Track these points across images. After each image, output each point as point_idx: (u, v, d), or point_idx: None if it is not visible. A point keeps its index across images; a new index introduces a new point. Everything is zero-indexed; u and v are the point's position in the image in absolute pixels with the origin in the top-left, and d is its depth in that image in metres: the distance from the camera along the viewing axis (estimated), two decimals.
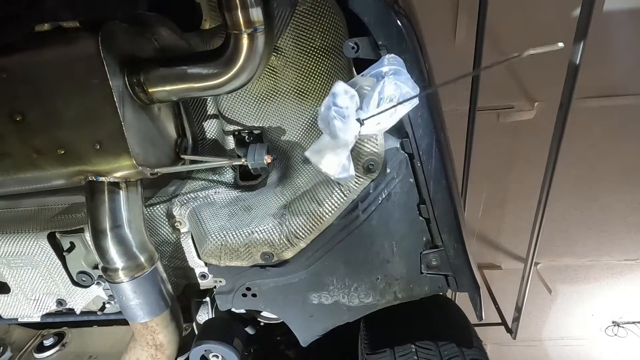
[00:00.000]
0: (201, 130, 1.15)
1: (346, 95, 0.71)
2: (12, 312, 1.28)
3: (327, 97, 0.72)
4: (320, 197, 0.98)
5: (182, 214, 1.11)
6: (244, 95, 1.05)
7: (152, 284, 1.01)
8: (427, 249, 1.04)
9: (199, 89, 0.86)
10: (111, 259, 0.95)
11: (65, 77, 0.79)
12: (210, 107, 1.12)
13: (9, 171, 0.84)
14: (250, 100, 1.06)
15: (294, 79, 0.99)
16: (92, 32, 0.75)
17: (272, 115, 1.08)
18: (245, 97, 1.05)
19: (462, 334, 1.15)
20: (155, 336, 1.08)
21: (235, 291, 1.15)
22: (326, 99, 0.72)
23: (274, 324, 1.37)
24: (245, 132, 1.11)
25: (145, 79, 0.85)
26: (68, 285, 1.19)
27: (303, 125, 1.08)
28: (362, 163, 0.91)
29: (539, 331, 4.75)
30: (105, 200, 0.91)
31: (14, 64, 0.78)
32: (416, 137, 0.91)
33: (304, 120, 1.08)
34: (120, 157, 0.82)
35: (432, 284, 1.09)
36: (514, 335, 3.28)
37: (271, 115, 1.08)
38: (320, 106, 0.73)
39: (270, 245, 1.02)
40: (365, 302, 1.12)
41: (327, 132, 0.72)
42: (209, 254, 1.06)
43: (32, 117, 0.80)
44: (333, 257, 1.05)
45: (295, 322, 1.19)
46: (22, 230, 1.13)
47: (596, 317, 4.60)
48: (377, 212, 0.98)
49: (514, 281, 3.22)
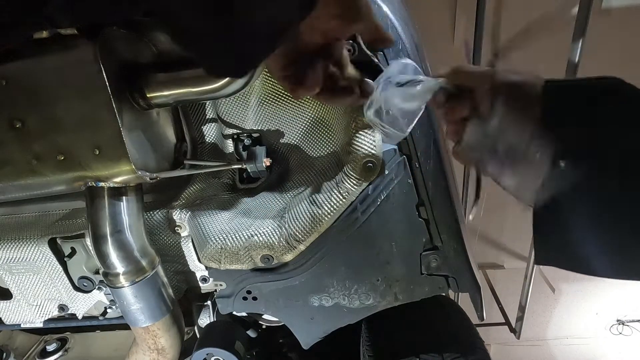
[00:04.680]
0: (200, 134, 1.16)
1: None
2: (14, 318, 1.29)
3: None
4: (319, 200, 0.98)
5: (182, 218, 1.12)
6: (243, 98, 1.05)
7: (153, 288, 1.01)
8: (427, 250, 1.04)
9: (197, 93, 0.86)
10: (112, 264, 0.95)
11: (64, 83, 0.79)
12: (209, 111, 1.12)
13: (9, 178, 0.85)
14: (248, 103, 1.06)
15: None
16: (90, 38, 0.76)
17: (271, 119, 1.08)
18: (244, 101, 1.06)
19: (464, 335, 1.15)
20: (157, 340, 1.08)
21: (236, 294, 1.15)
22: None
23: (276, 326, 1.37)
24: (244, 136, 1.12)
25: (143, 85, 0.85)
26: (70, 290, 1.19)
27: (302, 128, 1.09)
28: (360, 165, 0.91)
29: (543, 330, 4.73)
30: (106, 206, 0.91)
31: (14, 71, 0.78)
32: (414, 138, 0.91)
33: (302, 123, 1.08)
34: (119, 162, 0.83)
35: (433, 285, 1.09)
36: (517, 335, 3.27)
37: (270, 119, 1.08)
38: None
39: (270, 248, 1.02)
40: (365, 303, 1.12)
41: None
42: (209, 258, 1.07)
43: (31, 124, 0.81)
44: (333, 259, 1.05)
45: (297, 325, 1.19)
46: (23, 236, 1.13)
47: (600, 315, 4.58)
48: (376, 214, 0.98)
49: (517, 280, 3.21)
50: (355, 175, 0.93)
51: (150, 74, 0.85)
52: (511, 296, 3.33)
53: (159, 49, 0.94)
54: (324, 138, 1.08)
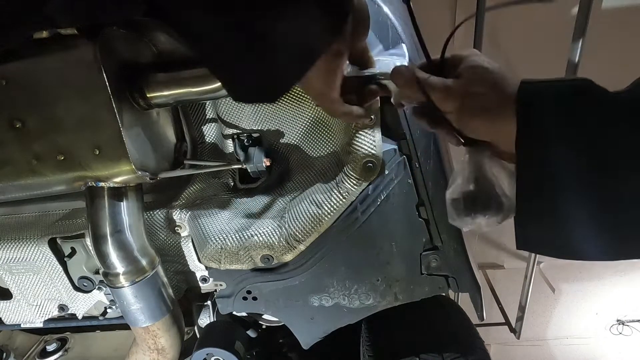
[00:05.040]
0: (200, 134, 1.16)
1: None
2: (14, 318, 1.29)
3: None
4: (319, 200, 0.98)
5: (182, 218, 1.12)
6: None
7: (153, 288, 1.01)
8: (427, 250, 1.04)
9: (197, 93, 0.86)
10: (112, 264, 0.95)
11: (64, 83, 0.79)
12: (209, 111, 1.12)
13: (9, 178, 0.85)
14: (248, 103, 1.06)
15: None
16: (90, 38, 0.76)
17: (271, 118, 1.08)
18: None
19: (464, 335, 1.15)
20: (157, 340, 1.08)
21: (236, 294, 1.15)
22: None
23: (276, 326, 1.37)
24: (244, 136, 1.12)
25: (143, 85, 0.85)
26: (70, 290, 1.19)
27: (302, 128, 1.09)
28: (360, 165, 0.91)
29: (543, 330, 4.73)
30: (106, 206, 0.91)
31: (14, 71, 0.78)
32: (414, 138, 0.91)
33: (302, 123, 1.08)
34: (119, 162, 0.83)
35: (433, 285, 1.09)
36: (517, 335, 3.27)
37: (270, 118, 1.08)
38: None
39: (270, 248, 1.02)
40: (365, 303, 1.12)
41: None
42: (209, 258, 1.07)
43: (31, 124, 0.81)
44: (333, 259, 1.05)
45: (297, 325, 1.19)
46: (23, 236, 1.13)
47: (600, 315, 4.57)
48: (376, 214, 0.98)
49: (517, 280, 3.21)
50: (355, 175, 0.93)
51: (150, 74, 0.85)
52: (511, 296, 3.33)
53: (159, 49, 0.94)
54: (324, 138, 1.08)
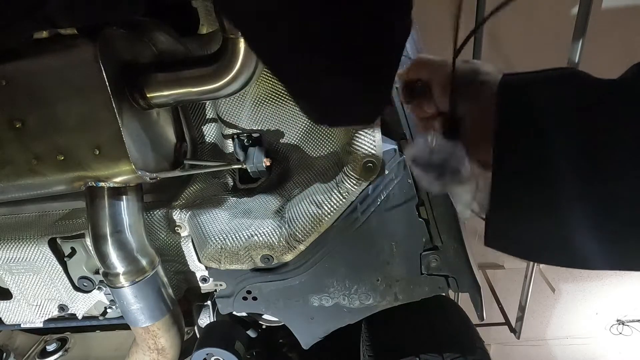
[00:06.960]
0: (200, 134, 1.16)
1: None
2: (14, 318, 1.29)
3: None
4: (319, 200, 0.98)
5: (182, 218, 1.12)
6: (242, 98, 1.05)
7: (153, 288, 1.01)
8: (427, 250, 1.04)
9: (197, 93, 0.86)
10: (112, 264, 0.95)
11: (64, 83, 0.79)
12: (209, 111, 1.12)
13: (9, 178, 0.85)
14: (248, 103, 1.06)
15: None
16: (90, 38, 0.76)
17: (271, 118, 1.08)
18: (244, 101, 1.06)
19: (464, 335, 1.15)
20: (157, 340, 1.08)
21: (236, 294, 1.15)
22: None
23: (276, 326, 1.37)
24: (244, 136, 1.12)
25: (143, 84, 0.85)
26: (70, 290, 1.19)
27: (301, 127, 1.09)
28: (360, 165, 0.91)
29: (543, 330, 4.73)
30: (105, 206, 0.91)
31: (14, 71, 0.78)
32: (414, 137, 0.91)
33: (302, 123, 1.08)
34: (119, 162, 0.83)
35: (433, 285, 1.09)
36: (517, 335, 3.27)
37: (269, 119, 1.08)
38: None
39: (270, 248, 1.02)
40: (365, 303, 1.12)
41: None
42: (209, 258, 1.07)
43: (31, 124, 0.81)
44: (333, 259, 1.05)
45: (297, 325, 1.19)
46: (23, 236, 1.13)
47: (600, 315, 4.57)
48: (376, 214, 0.98)
49: (517, 280, 3.21)
50: (355, 175, 0.93)
51: (150, 74, 0.85)
52: (511, 296, 3.33)
53: (159, 49, 0.94)
54: (324, 138, 1.08)
